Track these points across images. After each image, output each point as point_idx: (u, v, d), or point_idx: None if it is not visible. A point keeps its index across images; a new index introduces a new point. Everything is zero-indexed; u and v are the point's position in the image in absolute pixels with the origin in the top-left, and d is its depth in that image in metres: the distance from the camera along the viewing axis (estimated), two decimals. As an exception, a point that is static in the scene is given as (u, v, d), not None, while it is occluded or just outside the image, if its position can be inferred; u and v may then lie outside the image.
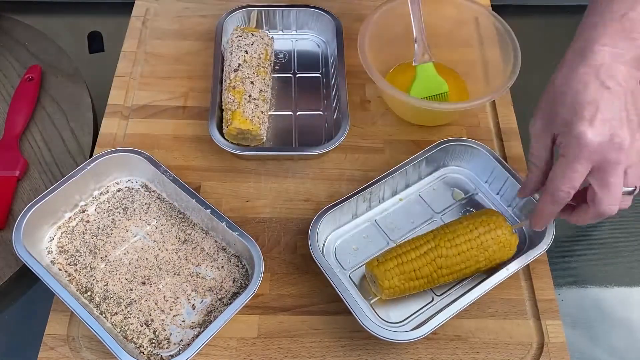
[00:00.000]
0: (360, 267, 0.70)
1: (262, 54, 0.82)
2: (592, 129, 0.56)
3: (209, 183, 0.77)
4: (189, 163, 0.78)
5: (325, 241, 0.71)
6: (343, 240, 0.72)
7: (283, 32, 0.92)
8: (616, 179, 0.57)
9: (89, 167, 0.71)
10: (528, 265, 0.69)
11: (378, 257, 0.66)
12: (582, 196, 0.61)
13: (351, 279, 0.69)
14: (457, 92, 0.84)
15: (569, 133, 0.57)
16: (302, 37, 0.92)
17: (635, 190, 0.60)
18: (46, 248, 0.70)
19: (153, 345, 0.64)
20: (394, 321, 0.66)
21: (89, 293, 0.67)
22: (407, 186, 0.76)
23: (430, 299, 0.68)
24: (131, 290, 0.67)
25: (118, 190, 0.75)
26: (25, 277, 0.70)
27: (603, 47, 0.57)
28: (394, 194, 0.75)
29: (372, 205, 0.74)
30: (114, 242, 0.71)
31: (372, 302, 0.67)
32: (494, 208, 0.74)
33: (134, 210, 0.73)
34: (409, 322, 0.66)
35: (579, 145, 0.56)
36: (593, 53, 0.57)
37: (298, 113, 0.84)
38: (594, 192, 0.58)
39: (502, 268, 0.65)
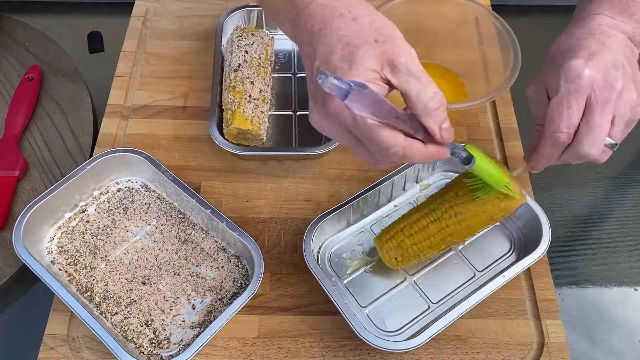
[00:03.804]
0: (354, 275, 0.69)
1: (262, 54, 0.82)
2: (586, 64, 0.55)
3: (209, 183, 0.77)
4: (189, 163, 0.78)
5: (320, 248, 0.71)
6: (338, 247, 0.72)
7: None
8: (602, 119, 0.55)
9: (89, 167, 0.71)
10: (528, 265, 0.69)
11: (384, 236, 0.65)
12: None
13: (347, 288, 0.69)
14: (455, 92, 0.84)
15: (560, 70, 0.56)
16: (302, 37, 0.92)
17: (616, 145, 0.58)
18: (46, 248, 0.70)
19: (153, 345, 0.64)
20: (390, 329, 0.66)
21: (89, 293, 0.67)
22: (403, 192, 0.75)
23: (427, 307, 0.67)
24: (131, 290, 0.67)
25: (118, 190, 0.75)
26: (25, 277, 0.70)
27: (599, 15, 0.58)
28: (389, 200, 0.75)
29: (366, 212, 0.73)
30: (114, 242, 0.71)
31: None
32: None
33: (134, 210, 0.73)
34: (405, 330, 0.66)
35: (570, 78, 0.55)
36: (590, 20, 0.58)
37: (298, 113, 0.84)
38: (578, 129, 0.56)
39: (499, 275, 0.65)
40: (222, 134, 0.77)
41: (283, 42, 0.91)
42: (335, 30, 0.50)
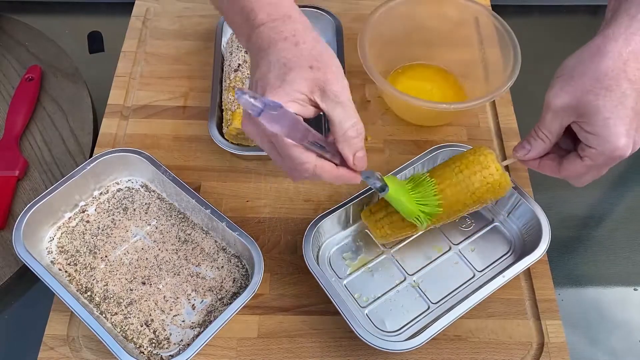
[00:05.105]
0: (354, 275, 0.69)
1: (262, 54, 0.82)
2: (628, 140, 0.56)
3: (209, 183, 0.77)
4: (189, 163, 0.78)
5: (320, 248, 0.71)
6: (338, 247, 0.71)
7: (283, 32, 0.92)
8: (608, 168, 0.60)
9: (89, 167, 0.71)
10: (528, 265, 0.69)
11: (371, 207, 0.68)
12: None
13: (347, 288, 0.69)
14: (455, 93, 0.84)
15: (606, 143, 0.56)
16: (302, 37, 0.92)
17: None
18: (46, 248, 0.70)
19: (153, 345, 0.64)
20: (389, 330, 0.66)
21: (89, 293, 0.67)
22: None
23: (427, 307, 0.67)
24: (131, 290, 0.67)
25: (118, 190, 0.75)
26: (25, 277, 0.70)
27: None
28: None
29: None
30: (114, 242, 0.71)
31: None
32: (490, 213, 0.74)
33: (134, 210, 0.73)
34: (405, 330, 0.66)
35: (614, 157, 0.57)
36: (635, 39, 0.56)
37: (298, 113, 0.83)
38: (585, 176, 0.61)
39: (499, 275, 0.65)
40: (222, 134, 0.77)
41: (283, 42, 0.91)
42: (278, 51, 0.54)
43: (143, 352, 0.64)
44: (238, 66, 0.79)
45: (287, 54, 0.54)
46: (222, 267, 0.69)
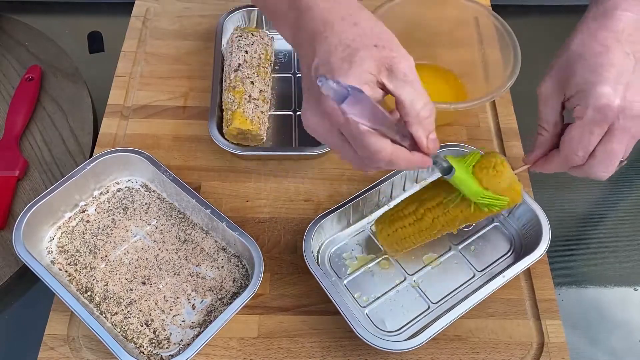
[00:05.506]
0: (354, 275, 0.69)
1: (262, 54, 0.82)
2: (614, 91, 0.53)
3: (209, 183, 0.77)
4: (189, 163, 0.78)
5: (320, 248, 0.71)
6: (338, 247, 0.71)
7: (283, 32, 0.92)
8: (620, 145, 0.56)
9: (89, 167, 0.71)
10: (528, 265, 0.69)
11: (384, 222, 0.66)
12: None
13: (347, 288, 0.69)
14: (455, 92, 0.84)
15: (589, 94, 0.54)
16: (302, 37, 0.92)
17: (623, 162, 0.58)
18: (46, 248, 0.70)
19: (153, 345, 0.64)
20: (389, 329, 0.66)
21: (89, 293, 0.67)
22: (403, 192, 0.75)
23: (427, 307, 0.67)
24: (131, 290, 0.67)
25: (118, 190, 0.75)
26: (25, 277, 0.70)
27: (624, 12, 0.56)
28: (389, 200, 0.75)
29: (366, 212, 0.73)
30: (114, 242, 0.71)
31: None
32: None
33: (134, 210, 0.73)
34: (405, 330, 0.66)
35: (599, 107, 0.54)
36: (614, 18, 0.56)
37: (298, 113, 0.84)
38: (593, 154, 0.57)
39: (499, 275, 0.65)
40: (222, 134, 0.77)
41: (283, 42, 0.91)
42: (336, 33, 0.51)
43: (143, 352, 0.64)
44: (238, 66, 0.79)
45: (348, 34, 0.50)
46: (222, 267, 0.69)
